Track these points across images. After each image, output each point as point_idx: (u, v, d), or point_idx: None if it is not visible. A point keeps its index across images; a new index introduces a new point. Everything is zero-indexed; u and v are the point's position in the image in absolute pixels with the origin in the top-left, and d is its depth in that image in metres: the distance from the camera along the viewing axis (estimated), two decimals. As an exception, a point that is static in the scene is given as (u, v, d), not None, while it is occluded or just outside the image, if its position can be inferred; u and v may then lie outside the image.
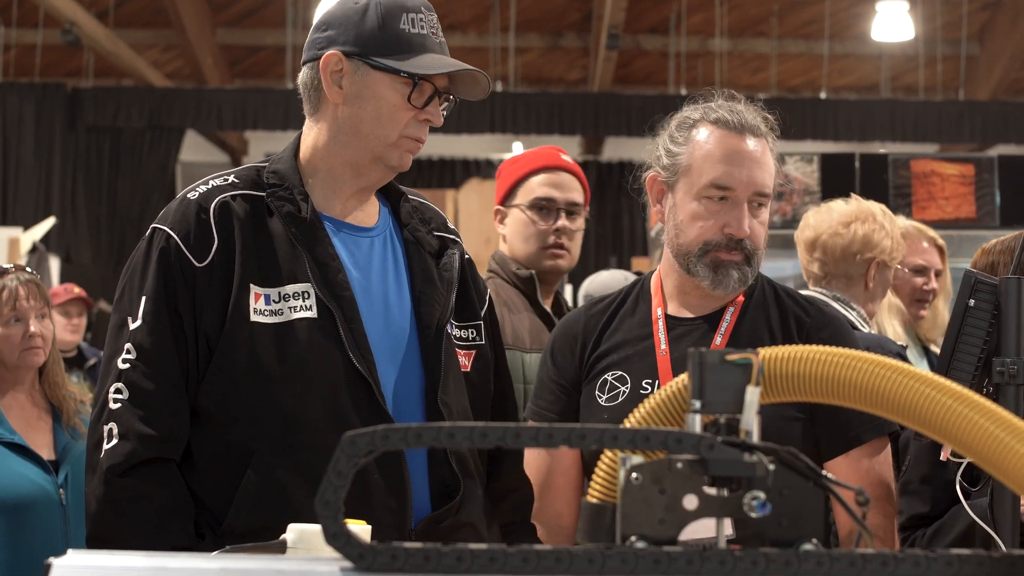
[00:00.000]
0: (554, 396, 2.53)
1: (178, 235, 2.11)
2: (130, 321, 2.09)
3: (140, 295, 2.10)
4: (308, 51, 2.23)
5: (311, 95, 2.21)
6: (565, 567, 1.05)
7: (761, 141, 2.41)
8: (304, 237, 2.14)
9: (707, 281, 2.39)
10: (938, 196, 6.03)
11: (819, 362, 1.19)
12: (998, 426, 1.15)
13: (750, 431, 1.13)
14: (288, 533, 1.57)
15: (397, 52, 2.14)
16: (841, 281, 3.49)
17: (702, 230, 2.38)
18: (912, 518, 2.67)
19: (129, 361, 2.07)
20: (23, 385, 3.28)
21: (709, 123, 2.41)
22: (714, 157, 2.38)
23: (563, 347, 2.55)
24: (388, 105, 2.15)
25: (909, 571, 1.09)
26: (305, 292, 2.11)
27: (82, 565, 1.04)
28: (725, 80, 14.74)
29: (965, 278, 2.22)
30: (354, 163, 2.20)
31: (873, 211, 3.50)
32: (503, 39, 14.15)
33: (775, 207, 5.99)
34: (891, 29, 13.00)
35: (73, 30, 12.65)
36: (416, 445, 1.03)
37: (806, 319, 2.45)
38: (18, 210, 13.34)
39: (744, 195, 2.37)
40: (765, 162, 2.40)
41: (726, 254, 2.37)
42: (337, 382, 2.09)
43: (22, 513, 3.05)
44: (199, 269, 2.09)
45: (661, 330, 2.45)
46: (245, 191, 2.17)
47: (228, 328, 2.08)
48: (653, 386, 2.40)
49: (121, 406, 2.06)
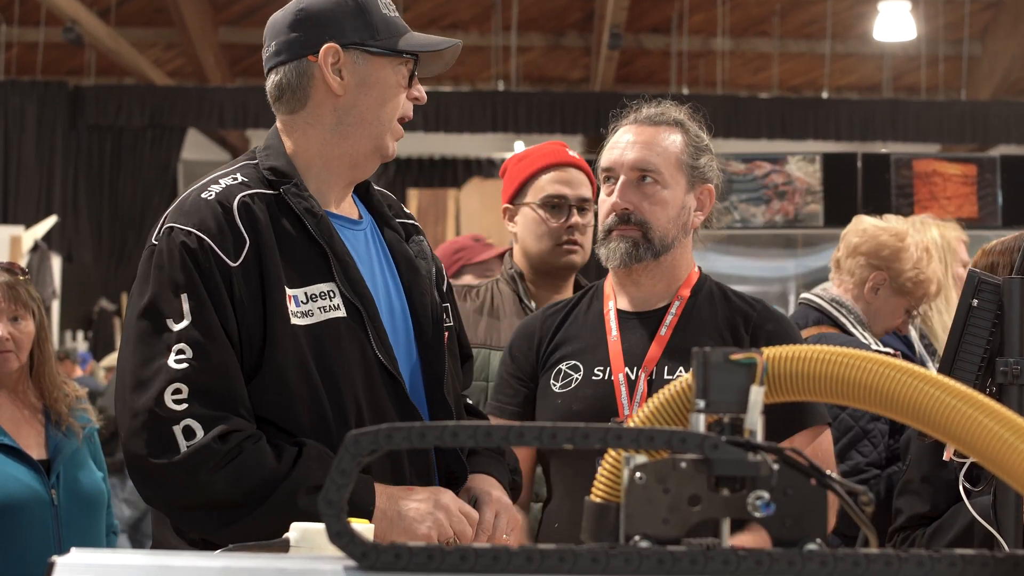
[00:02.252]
0: (513, 390, 2.66)
1: (207, 235, 2.05)
2: (171, 323, 2.01)
3: (179, 294, 2.02)
4: (286, 52, 2.21)
5: (296, 93, 2.20)
6: (569, 566, 1.05)
7: (660, 129, 2.59)
8: (323, 234, 2.13)
9: (602, 257, 2.58)
10: (940, 196, 6.03)
11: (824, 361, 1.19)
12: (1002, 426, 1.15)
13: (754, 431, 1.13)
14: (291, 532, 1.57)
15: (387, 35, 2.18)
16: (845, 277, 3.54)
17: (603, 215, 2.59)
18: (912, 517, 2.68)
19: (186, 360, 1.99)
20: (7, 386, 3.23)
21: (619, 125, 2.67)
22: (606, 148, 2.64)
23: (521, 344, 2.69)
24: (391, 87, 2.19)
25: (913, 571, 1.08)
26: (331, 291, 2.11)
27: (85, 563, 1.03)
28: (727, 80, 14.76)
29: (968, 278, 2.22)
30: (354, 153, 2.21)
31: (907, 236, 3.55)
32: (505, 38, 14.16)
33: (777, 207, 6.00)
34: (893, 29, 13.01)
35: (75, 28, 12.66)
36: (420, 444, 1.03)
37: (752, 313, 2.56)
38: (20, 208, 13.36)
39: (620, 171, 2.56)
40: (653, 144, 2.57)
41: (617, 230, 2.55)
42: (373, 381, 2.12)
43: (13, 515, 3.01)
44: (234, 268, 2.04)
45: (612, 320, 2.59)
46: (258, 190, 2.14)
47: (271, 330, 2.04)
48: (605, 372, 2.53)
49: (187, 407, 1.97)
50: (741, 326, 2.54)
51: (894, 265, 3.51)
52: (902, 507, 2.70)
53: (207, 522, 2.00)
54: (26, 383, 3.26)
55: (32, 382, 3.28)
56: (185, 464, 1.95)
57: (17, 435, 3.14)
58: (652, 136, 2.58)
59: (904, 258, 3.51)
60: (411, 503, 2.04)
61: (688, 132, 2.60)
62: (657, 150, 2.56)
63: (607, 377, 2.52)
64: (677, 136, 2.58)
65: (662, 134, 2.58)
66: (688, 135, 2.60)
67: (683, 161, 2.57)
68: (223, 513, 1.98)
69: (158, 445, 1.97)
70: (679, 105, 2.66)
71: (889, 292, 3.53)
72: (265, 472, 1.97)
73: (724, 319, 2.55)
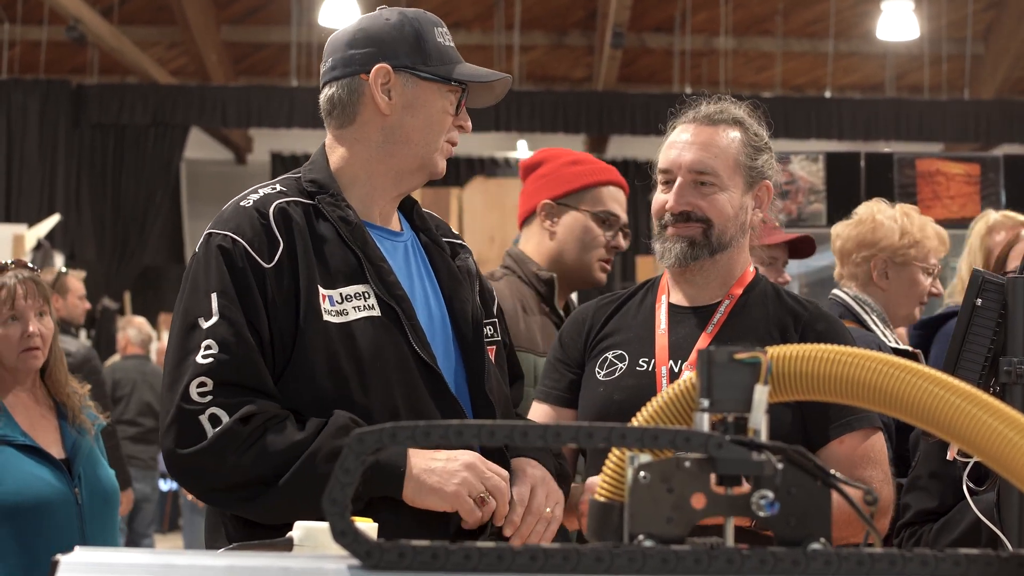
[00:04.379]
0: (559, 374, 2.67)
1: (242, 238, 2.15)
2: (202, 321, 2.11)
3: (209, 294, 2.12)
4: (341, 68, 2.30)
5: (344, 109, 2.30)
6: (573, 566, 1.05)
7: (719, 128, 2.56)
8: (356, 240, 2.22)
9: (657, 255, 2.58)
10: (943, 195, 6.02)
11: (827, 361, 1.19)
12: (1006, 425, 1.14)
13: (758, 430, 1.13)
14: (295, 531, 1.57)
15: (439, 63, 2.28)
16: (852, 282, 3.58)
17: (657, 211, 2.58)
18: (919, 513, 2.68)
19: (211, 355, 2.08)
20: (24, 384, 3.23)
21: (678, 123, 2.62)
22: (664, 148, 2.60)
23: (571, 331, 2.70)
24: (437, 112, 2.29)
25: (917, 570, 1.08)
26: (365, 292, 2.19)
27: (89, 562, 1.03)
28: (730, 79, 14.75)
29: (972, 277, 2.22)
30: (398, 171, 2.31)
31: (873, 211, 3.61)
32: (507, 37, 14.16)
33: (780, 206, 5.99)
34: (896, 28, 13.00)
35: (78, 27, 12.67)
36: (425, 443, 1.03)
37: (804, 313, 2.55)
38: (22, 207, 13.36)
39: (678, 173, 2.54)
40: (712, 144, 2.54)
41: (674, 228, 2.54)
42: (410, 376, 2.19)
43: (40, 515, 3.01)
44: (268, 269, 2.14)
45: (663, 312, 2.60)
46: (295, 198, 2.25)
47: (303, 328, 2.13)
48: (650, 364, 2.53)
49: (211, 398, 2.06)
50: (791, 326, 2.53)
51: (883, 242, 3.53)
52: (910, 502, 2.70)
53: (242, 502, 2.09)
54: (36, 381, 3.26)
55: (43, 380, 3.28)
56: (211, 449, 2.05)
57: (35, 434, 3.13)
58: (710, 136, 2.55)
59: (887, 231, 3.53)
60: (437, 462, 2.11)
61: (747, 131, 2.58)
62: (715, 151, 2.53)
63: (650, 368, 2.52)
64: (736, 135, 2.56)
65: (720, 134, 2.55)
66: (747, 134, 2.57)
67: (741, 162, 2.55)
68: (254, 490, 2.06)
69: (186, 436, 2.07)
70: (738, 102, 2.64)
71: (897, 269, 3.55)
72: (289, 444, 2.05)
73: (774, 318, 2.55)
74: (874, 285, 3.57)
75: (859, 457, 2.47)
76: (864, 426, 2.48)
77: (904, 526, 2.71)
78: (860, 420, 2.47)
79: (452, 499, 2.07)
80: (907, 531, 2.70)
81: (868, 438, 2.49)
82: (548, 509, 2.19)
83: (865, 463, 2.47)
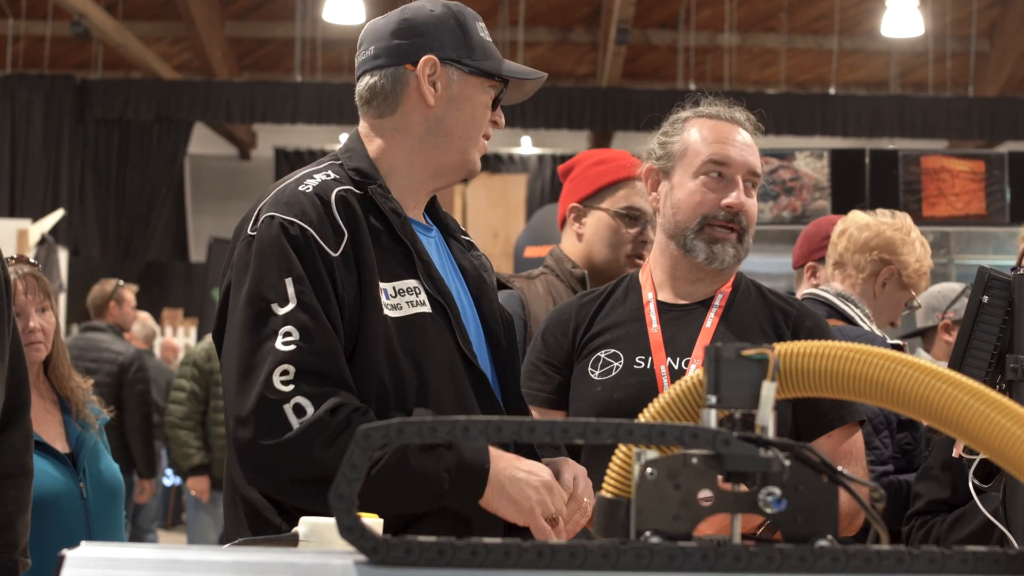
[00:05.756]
0: (545, 376, 2.66)
1: (309, 225, 2.09)
2: (276, 307, 2.04)
3: (283, 278, 2.05)
4: (385, 57, 2.25)
5: (386, 99, 2.25)
6: (580, 562, 1.04)
7: (746, 132, 2.62)
8: (407, 234, 2.19)
9: (702, 255, 2.55)
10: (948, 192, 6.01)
11: (835, 358, 1.19)
12: (1013, 422, 1.14)
13: (766, 426, 1.13)
14: (300, 526, 1.57)
15: (482, 57, 2.26)
16: (852, 271, 3.53)
17: (700, 205, 2.54)
18: (931, 502, 2.68)
19: (292, 342, 2.01)
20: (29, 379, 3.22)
21: (701, 117, 2.62)
22: (709, 139, 2.57)
23: (555, 329, 2.68)
24: (480, 107, 2.26)
25: (924, 567, 1.08)
26: (416, 288, 2.16)
27: (96, 557, 1.03)
28: (734, 75, 14.74)
29: (979, 275, 2.21)
30: (439, 164, 2.27)
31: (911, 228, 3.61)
32: (512, 33, 14.14)
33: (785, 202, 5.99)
34: (900, 25, 12.97)
35: (82, 22, 12.67)
36: (431, 439, 1.03)
37: (791, 310, 2.61)
38: (27, 202, 13.35)
39: (739, 172, 2.55)
40: (755, 149, 2.60)
41: (721, 230, 2.54)
42: (458, 375, 2.17)
43: (47, 510, 2.99)
44: (335, 258, 2.09)
45: (652, 312, 2.60)
46: (348, 187, 2.19)
47: (366, 319, 2.09)
48: (646, 362, 2.54)
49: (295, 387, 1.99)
50: (782, 322, 2.58)
51: (902, 258, 3.53)
52: (922, 491, 2.71)
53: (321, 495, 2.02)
54: (40, 376, 3.25)
55: (47, 375, 3.27)
56: (298, 440, 1.98)
57: (39, 429, 3.11)
58: (750, 141, 2.61)
59: (909, 251, 3.54)
60: (521, 472, 2.06)
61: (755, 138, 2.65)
62: (758, 158, 2.60)
63: (648, 366, 2.53)
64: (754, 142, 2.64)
65: (751, 139, 2.62)
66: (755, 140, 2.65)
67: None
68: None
69: (268, 426, 1.99)
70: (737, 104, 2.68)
71: (895, 286, 3.56)
72: None
73: (765, 314, 2.59)
74: (869, 286, 3.55)
75: (842, 452, 2.54)
76: (851, 420, 2.55)
77: (915, 514, 2.71)
78: (849, 414, 2.54)
79: (528, 515, 2.03)
80: (918, 520, 2.70)
81: (852, 434, 2.57)
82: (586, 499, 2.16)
83: (848, 459, 2.54)
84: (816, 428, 2.54)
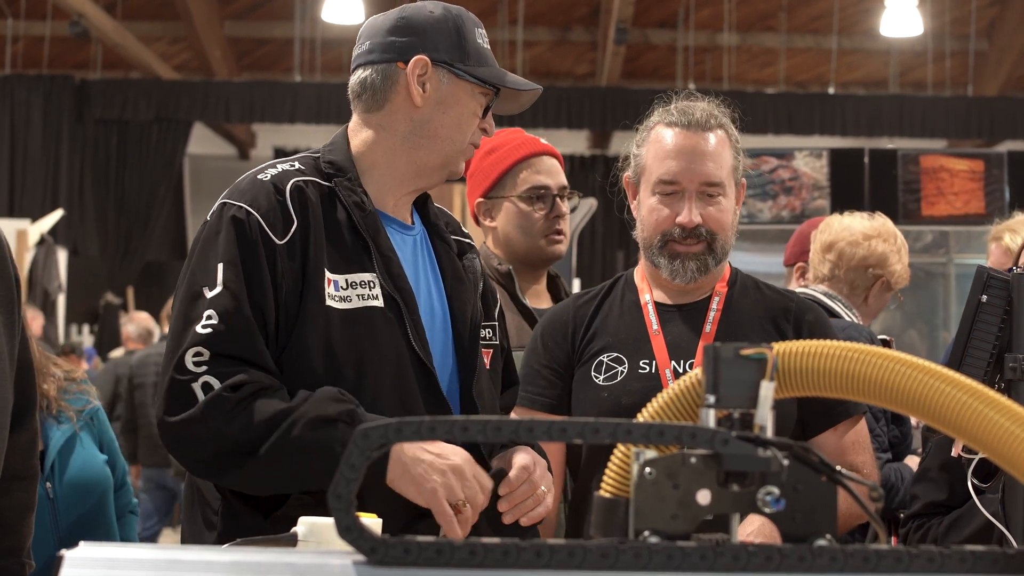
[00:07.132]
0: (547, 381, 2.63)
1: (257, 211, 2.13)
2: (206, 291, 2.08)
3: (216, 263, 2.09)
4: (379, 53, 2.27)
5: (375, 94, 2.27)
6: (578, 562, 1.04)
7: (712, 134, 2.56)
8: (369, 228, 2.20)
9: (666, 272, 2.56)
10: (947, 191, 6.01)
11: (834, 357, 1.19)
12: (1013, 421, 1.14)
13: (764, 426, 1.13)
14: (299, 526, 1.57)
15: (477, 64, 2.26)
16: (844, 287, 3.56)
17: (657, 223, 2.56)
18: (928, 505, 2.68)
19: (211, 326, 2.05)
20: None
21: (663, 125, 2.59)
22: (662, 155, 2.56)
23: (554, 333, 2.66)
24: (468, 113, 2.27)
25: (923, 567, 1.08)
26: (371, 282, 2.17)
27: (94, 557, 1.03)
28: (733, 75, 14.74)
29: (977, 274, 2.21)
30: (420, 165, 2.28)
31: (895, 233, 3.62)
32: (511, 32, 14.15)
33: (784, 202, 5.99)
34: (900, 24, 12.98)
35: (81, 22, 12.67)
36: (430, 438, 1.03)
37: (791, 304, 2.61)
38: (26, 202, 13.35)
39: (691, 186, 2.53)
40: (715, 154, 2.55)
41: (682, 245, 2.54)
42: (404, 370, 2.16)
43: None
44: (279, 246, 2.11)
45: (652, 313, 2.60)
46: (312, 178, 2.22)
47: (305, 309, 2.11)
48: (651, 366, 2.53)
49: (207, 368, 2.03)
50: (781, 316, 2.57)
51: (892, 267, 3.56)
52: (918, 493, 2.70)
53: (226, 472, 2.06)
54: None
55: None
56: (199, 415, 2.01)
57: None
58: (711, 146, 2.54)
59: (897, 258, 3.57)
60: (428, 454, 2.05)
61: (731, 135, 2.60)
62: (720, 162, 2.55)
63: (653, 371, 2.52)
64: (726, 141, 2.58)
65: (718, 143, 2.56)
66: (731, 138, 2.60)
67: (733, 167, 2.58)
68: (239, 459, 2.02)
69: (177, 403, 2.03)
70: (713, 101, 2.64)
71: (882, 289, 3.59)
72: (275, 412, 2.02)
73: (764, 310, 2.58)
74: (859, 296, 3.56)
75: (850, 444, 2.56)
76: (855, 412, 2.58)
77: (912, 517, 2.71)
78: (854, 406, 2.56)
79: (428, 496, 2.01)
80: (914, 522, 2.69)
81: (856, 424, 2.60)
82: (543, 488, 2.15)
83: (857, 449, 2.57)
84: (823, 422, 2.55)
